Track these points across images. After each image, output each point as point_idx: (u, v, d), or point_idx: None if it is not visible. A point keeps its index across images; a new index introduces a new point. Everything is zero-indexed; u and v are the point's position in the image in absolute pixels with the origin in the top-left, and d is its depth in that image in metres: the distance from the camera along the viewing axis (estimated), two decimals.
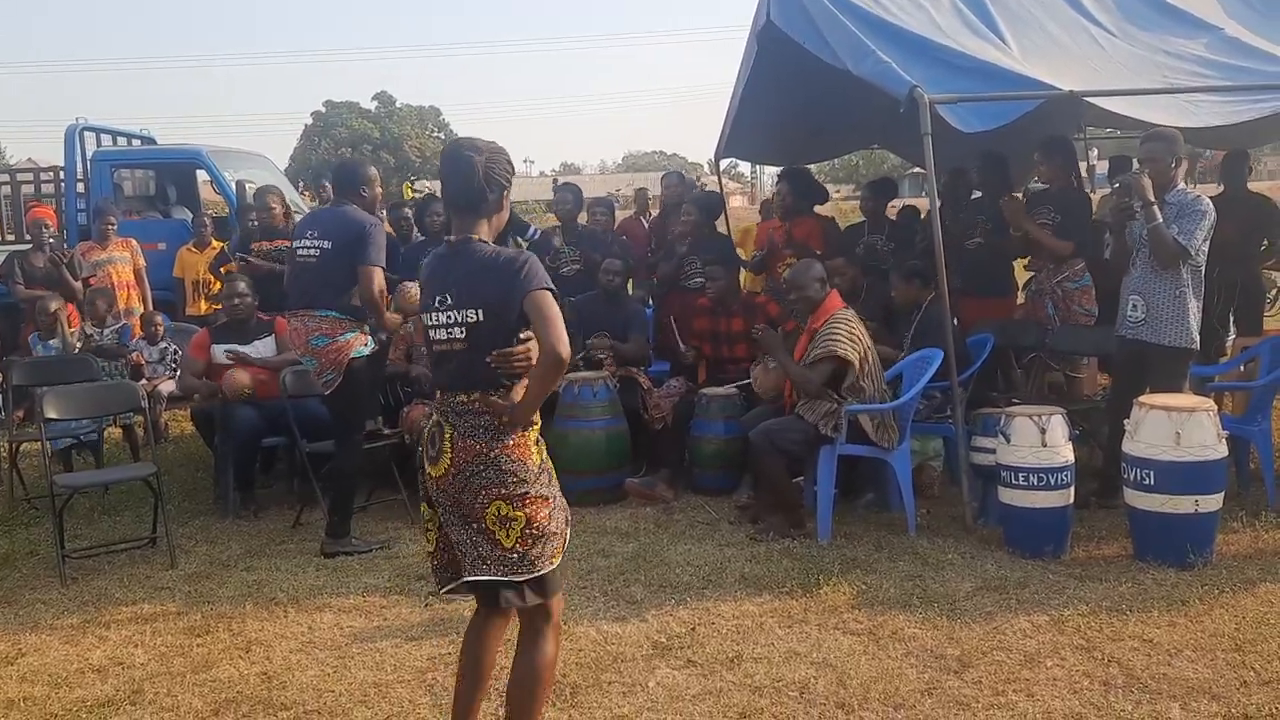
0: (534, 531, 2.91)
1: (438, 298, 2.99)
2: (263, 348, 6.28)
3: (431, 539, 3.11)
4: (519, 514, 2.89)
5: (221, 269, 8.71)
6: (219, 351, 6.22)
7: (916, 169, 5.58)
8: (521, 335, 2.96)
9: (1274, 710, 3.38)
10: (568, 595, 4.60)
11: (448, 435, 2.96)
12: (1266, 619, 4.08)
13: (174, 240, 10.50)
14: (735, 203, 31.74)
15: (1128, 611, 4.20)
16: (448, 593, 3.10)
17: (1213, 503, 4.69)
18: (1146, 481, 4.69)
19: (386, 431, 6.07)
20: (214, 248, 9.52)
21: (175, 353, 7.78)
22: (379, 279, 5.15)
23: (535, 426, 3.01)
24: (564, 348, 2.85)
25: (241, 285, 6.40)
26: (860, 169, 40.77)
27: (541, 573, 2.92)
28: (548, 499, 2.95)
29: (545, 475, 2.98)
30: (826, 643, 4.06)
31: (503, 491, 2.89)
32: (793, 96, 7.98)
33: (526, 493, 2.91)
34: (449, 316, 2.96)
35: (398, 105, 60.14)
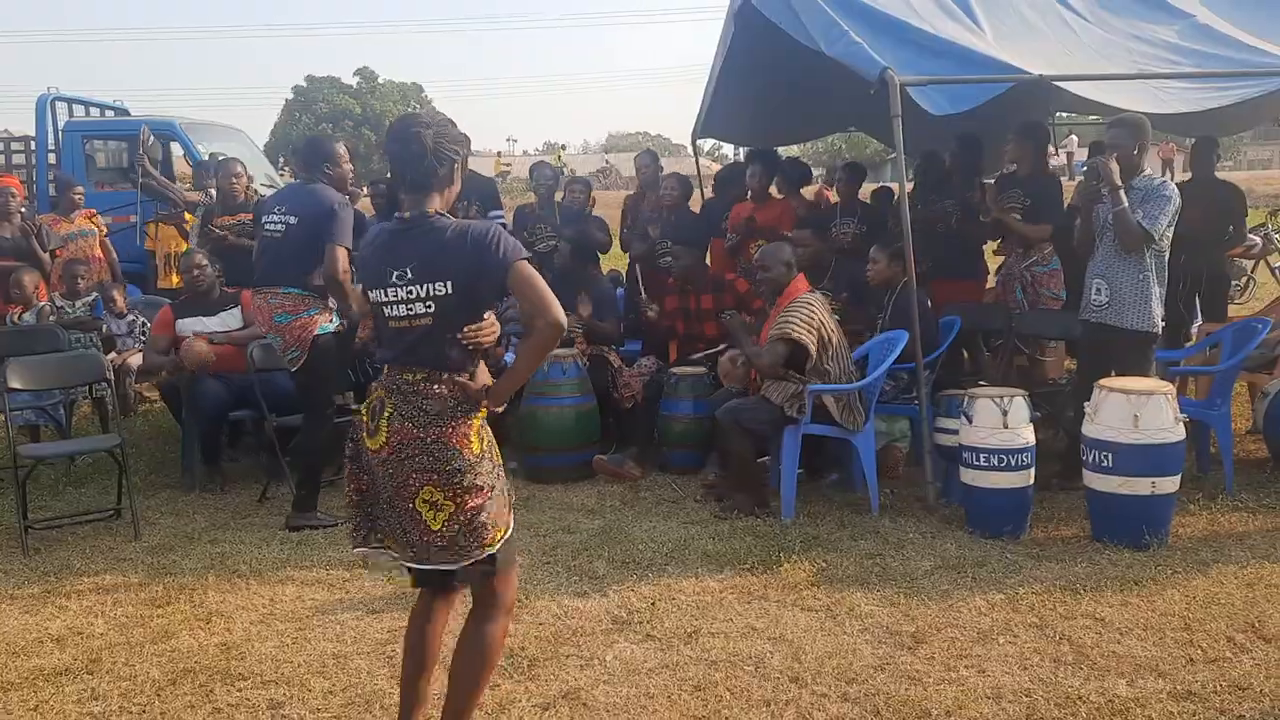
0: (463, 518, 2.85)
1: (394, 273, 2.91)
2: (229, 320, 6.26)
3: (351, 494, 3.06)
4: (449, 502, 2.85)
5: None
6: (183, 327, 6.19)
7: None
8: (485, 313, 2.95)
9: (1218, 687, 3.44)
10: (531, 570, 4.66)
11: (386, 413, 2.91)
12: (1216, 599, 4.15)
13: (146, 213, 10.41)
14: None
15: (1082, 591, 4.26)
16: (362, 553, 3.09)
17: (1169, 484, 4.74)
18: (1105, 463, 4.74)
19: (355, 407, 6.06)
20: (186, 221, 9.46)
21: (143, 325, 7.74)
22: (343, 259, 5.12)
23: (483, 412, 2.95)
24: (561, 314, 2.85)
25: (199, 258, 6.36)
26: (843, 152, 40.76)
27: (468, 562, 2.88)
28: (483, 489, 2.89)
29: (486, 462, 2.92)
30: (784, 619, 4.10)
31: (435, 477, 2.84)
32: (769, 77, 7.99)
33: (460, 481, 2.85)
34: (410, 291, 2.89)
35: (379, 81, 59.64)
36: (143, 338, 7.70)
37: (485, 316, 2.96)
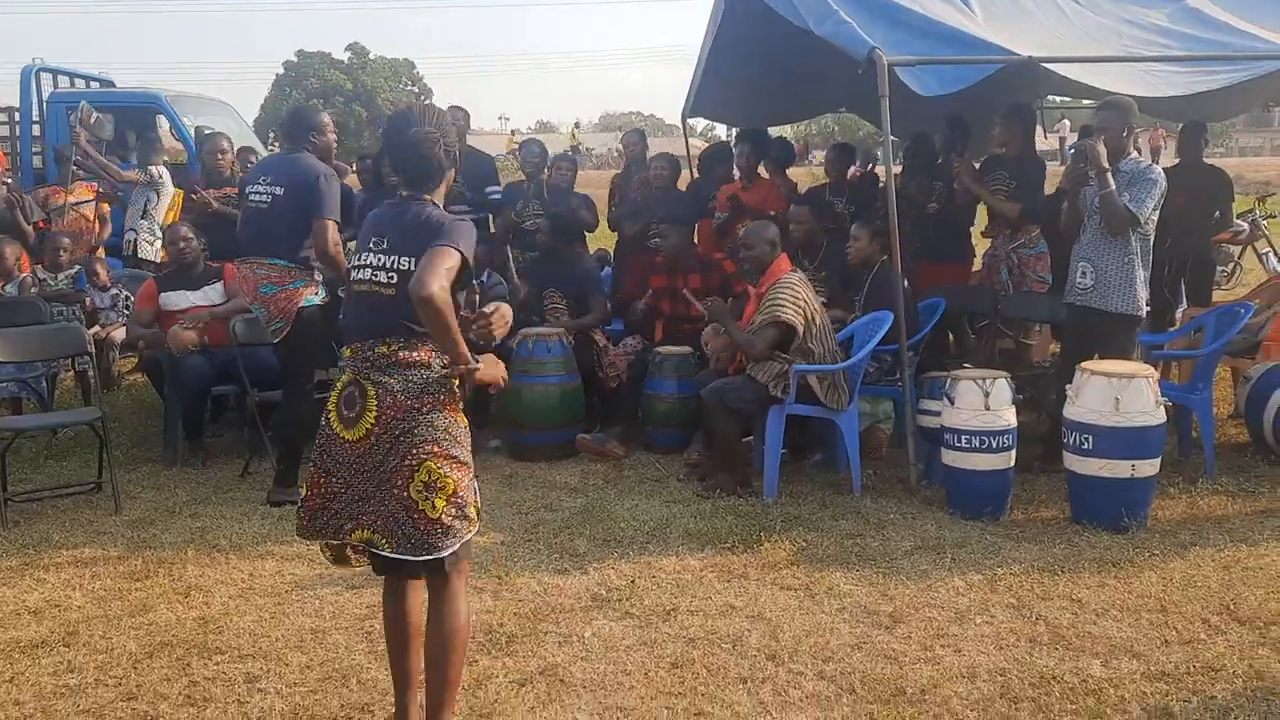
0: (459, 500, 2.86)
1: (373, 239, 3.00)
2: (212, 294, 6.24)
3: (314, 489, 2.98)
4: (449, 477, 2.83)
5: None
6: (168, 299, 6.16)
7: (892, 136, 5.60)
8: (488, 309, 2.98)
9: (1191, 668, 3.46)
10: (512, 547, 4.68)
11: (371, 394, 2.88)
12: (1193, 581, 4.16)
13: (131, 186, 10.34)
14: None
15: (1059, 572, 4.27)
16: (314, 540, 3.06)
17: (1149, 468, 4.76)
18: (1085, 446, 4.75)
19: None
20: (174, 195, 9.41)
21: (126, 298, 7.70)
22: (333, 232, 5.09)
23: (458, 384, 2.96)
24: (423, 287, 2.69)
25: (184, 230, 6.33)
26: (836, 134, 40.66)
27: (459, 544, 2.88)
28: (469, 466, 2.92)
29: (469, 438, 2.96)
30: (763, 597, 4.10)
31: (436, 449, 2.83)
32: (759, 56, 7.95)
33: (455, 455, 2.87)
34: (379, 260, 2.95)
35: (371, 57, 59.16)
36: (126, 311, 7.66)
37: (491, 309, 2.98)
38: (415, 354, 2.90)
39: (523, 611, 4.00)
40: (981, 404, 4.90)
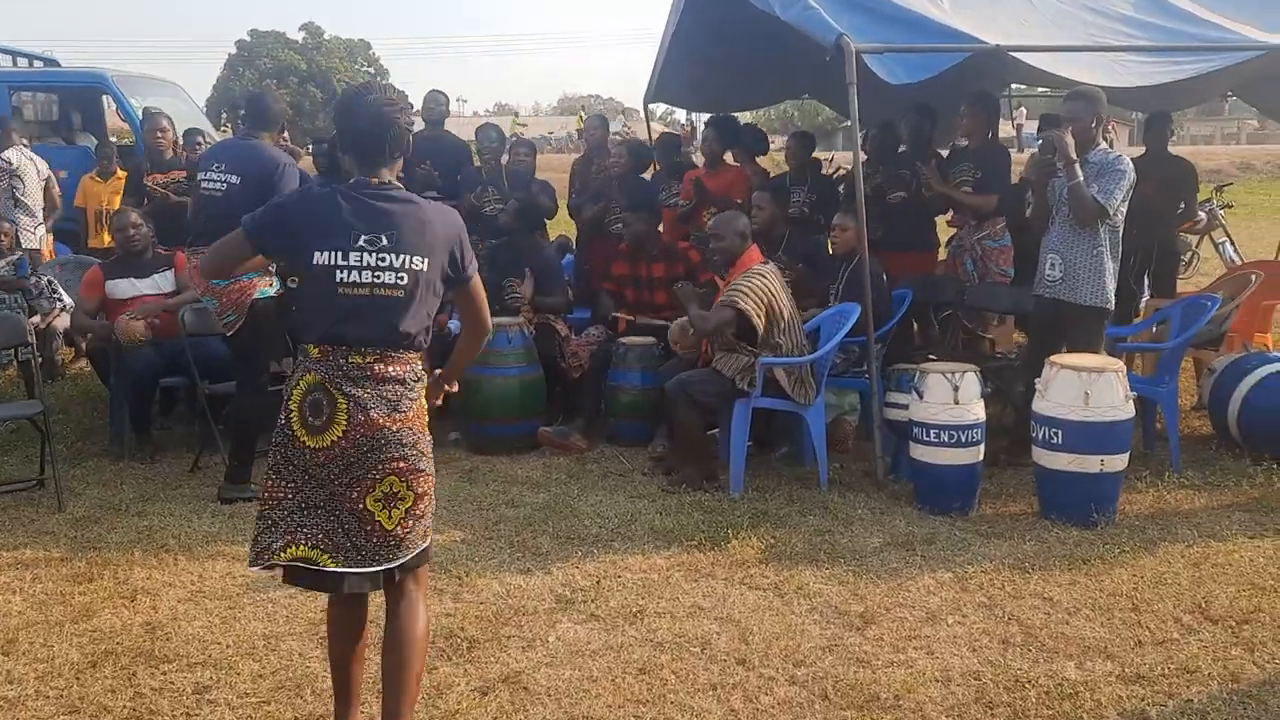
0: (417, 513, 2.78)
1: (363, 236, 2.73)
2: (161, 282, 6.02)
3: (268, 500, 2.80)
4: (409, 493, 2.75)
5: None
6: (115, 288, 5.93)
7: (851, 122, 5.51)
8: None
9: (1166, 670, 3.42)
10: (473, 546, 4.55)
11: (341, 406, 2.71)
12: (1164, 579, 4.13)
13: (77, 168, 10.04)
14: None
15: (1030, 570, 4.22)
16: (265, 567, 2.80)
17: (1118, 462, 4.72)
18: (1054, 440, 4.71)
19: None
20: (119, 177, 9.12)
21: (49, 283, 7.40)
22: None
23: (424, 385, 2.91)
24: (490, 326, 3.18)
25: (133, 216, 6.09)
26: (795, 120, 40.66)
27: (413, 553, 2.79)
28: (431, 475, 2.84)
29: (431, 444, 2.88)
30: (731, 598, 4.01)
31: (400, 465, 2.73)
32: (722, 41, 7.85)
33: (422, 469, 2.78)
34: (381, 259, 2.73)
35: (326, 37, 58.17)
36: (53, 297, 7.36)
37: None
38: (391, 368, 2.76)
39: (484, 615, 3.88)
40: (950, 398, 4.83)
